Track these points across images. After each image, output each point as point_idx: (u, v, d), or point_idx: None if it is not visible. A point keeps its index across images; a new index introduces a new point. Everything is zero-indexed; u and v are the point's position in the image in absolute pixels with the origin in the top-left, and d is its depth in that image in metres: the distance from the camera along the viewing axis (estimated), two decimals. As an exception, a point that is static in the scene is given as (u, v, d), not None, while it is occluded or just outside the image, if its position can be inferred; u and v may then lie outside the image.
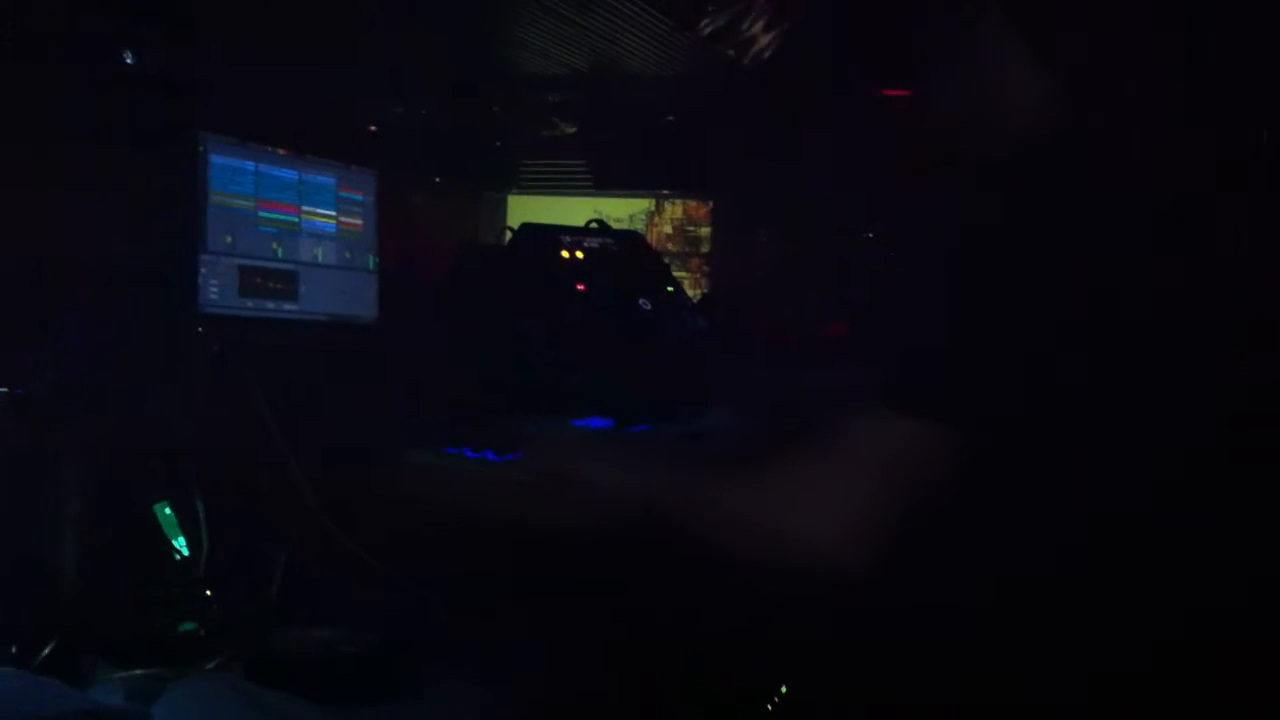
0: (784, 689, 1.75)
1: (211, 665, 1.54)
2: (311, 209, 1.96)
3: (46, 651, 1.45)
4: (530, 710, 1.53)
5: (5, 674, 1.29)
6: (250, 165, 1.86)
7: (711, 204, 3.43)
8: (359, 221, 2.05)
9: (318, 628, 1.60)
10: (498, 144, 3.11)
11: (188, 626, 1.61)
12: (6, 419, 1.52)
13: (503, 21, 2.48)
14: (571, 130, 3.07)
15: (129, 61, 1.84)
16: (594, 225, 2.63)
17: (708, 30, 1.50)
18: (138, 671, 1.48)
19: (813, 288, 3.06)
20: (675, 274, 2.82)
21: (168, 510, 1.70)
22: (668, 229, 3.47)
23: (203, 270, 1.79)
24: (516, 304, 2.29)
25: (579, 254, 2.44)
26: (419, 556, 1.74)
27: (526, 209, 3.23)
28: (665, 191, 3.45)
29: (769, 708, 1.66)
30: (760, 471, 1.26)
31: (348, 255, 2.02)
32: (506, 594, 1.74)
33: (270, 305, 1.88)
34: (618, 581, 1.71)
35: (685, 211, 3.46)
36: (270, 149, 1.90)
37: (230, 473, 1.76)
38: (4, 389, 1.52)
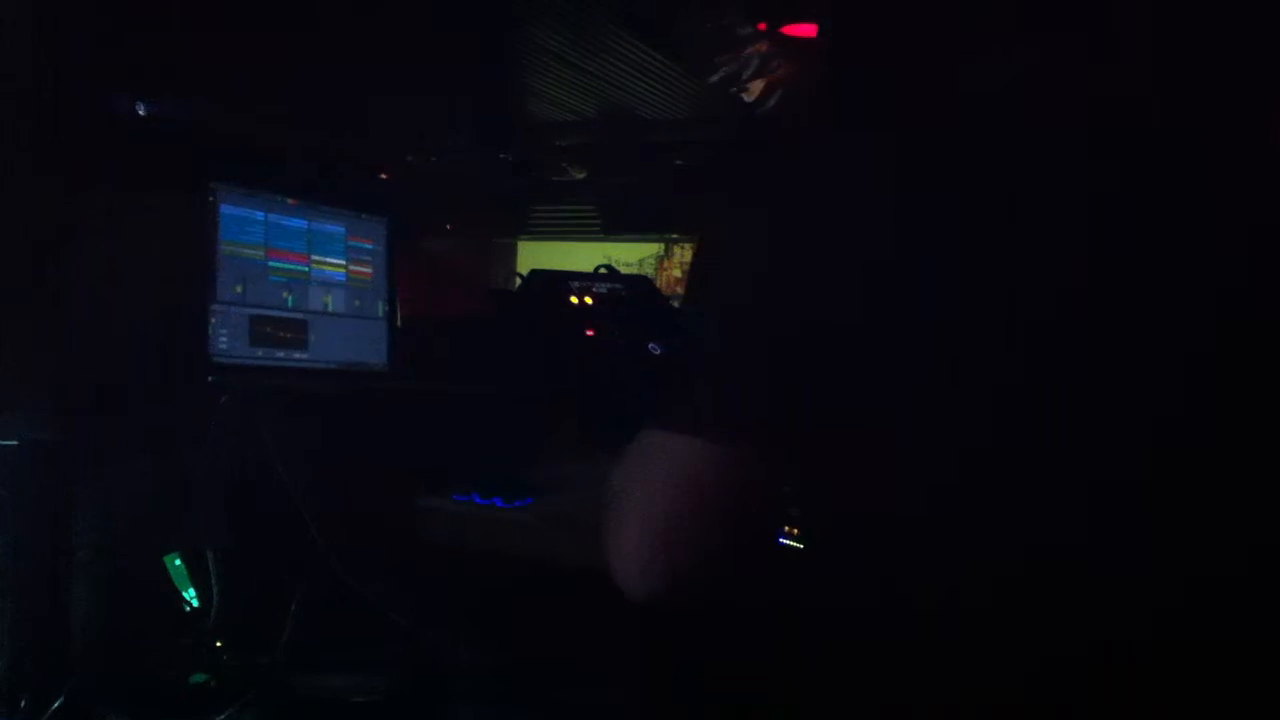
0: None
1: (223, 717, 1.53)
2: (321, 258, 1.97)
3: (56, 705, 1.44)
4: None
5: (15, 727, 1.28)
6: (260, 215, 1.88)
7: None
8: (369, 270, 2.06)
9: (330, 675, 1.59)
10: (508, 190, 3.13)
11: (199, 678, 1.61)
12: (18, 469, 1.52)
13: (513, 68, 2.50)
14: (581, 175, 3.08)
15: (141, 113, 1.86)
16: (603, 270, 2.64)
17: (717, 78, 1.50)
18: (149, 723, 1.48)
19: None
20: (686, 318, 2.82)
21: (178, 562, 1.70)
22: (677, 273, 3.47)
23: (213, 320, 1.80)
24: (526, 350, 2.30)
25: (588, 299, 2.45)
26: (428, 600, 1.74)
27: (536, 255, 3.24)
28: (674, 235, 3.45)
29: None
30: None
31: (357, 303, 2.03)
32: (512, 635, 1.73)
33: (280, 354, 1.89)
34: (635, 623, 1.70)
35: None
36: (280, 198, 1.91)
37: (241, 522, 1.75)
38: (14, 441, 1.53)
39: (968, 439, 1.09)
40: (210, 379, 1.77)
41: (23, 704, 1.44)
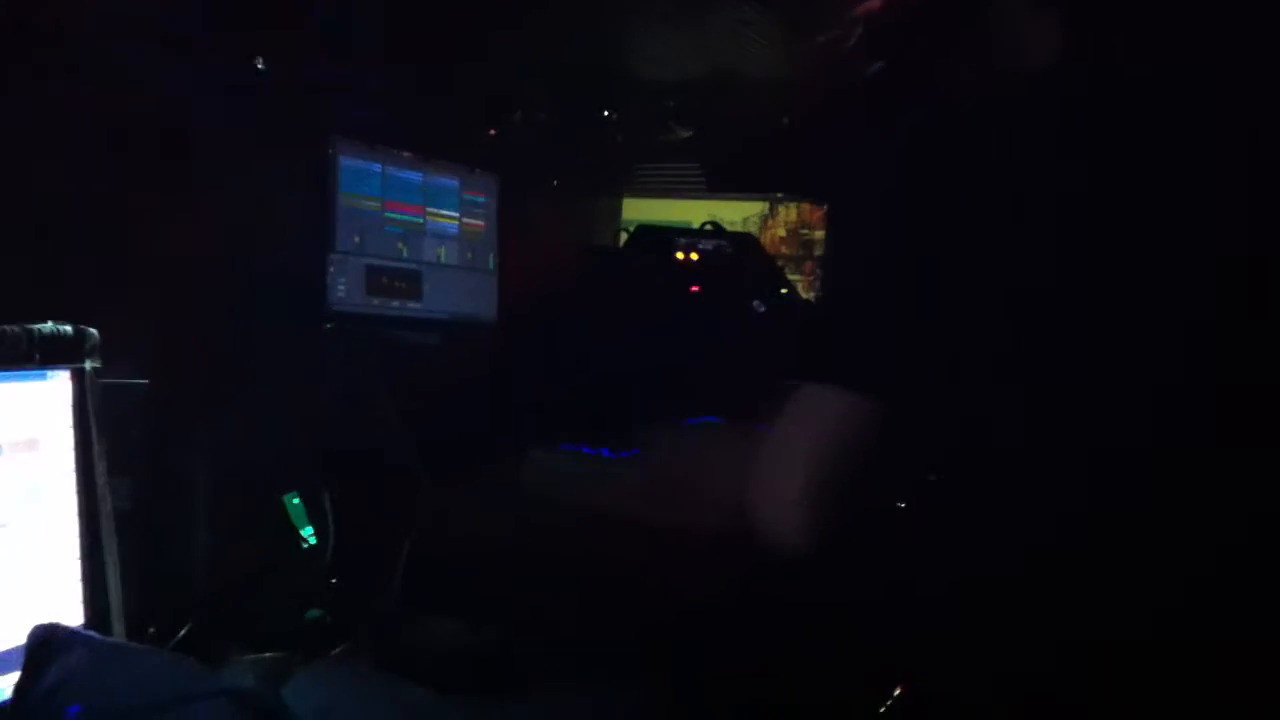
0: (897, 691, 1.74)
1: (337, 651, 1.58)
2: (436, 210, 2.01)
3: (182, 633, 1.50)
4: (643, 710, 1.54)
5: (145, 652, 1.33)
6: (378, 168, 1.92)
7: (826, 207, 3.41)
8: (481, 223, 2.09)
9: (440, 619, 1.63)
10: (614, 148, 3.14)
11: (314, 614, 1.66)
12: (146, 410, 1.58)
13: (619, 27, 2.50)
14: (687, 134, 3.08)
15: (261, 68, 1.90)
16: (708, 227, 2.64)
17: (824, 38, 1.50)
18: (267, 655, 1.53)
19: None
20: (789, 277, 2.82)
21: (296, 500, 1.76)
22: (781, 232, 3.45)
23: (331, 269, 1.84)
24: (631, 305, 2.31)
25: (693, 255, 2.46)
26: (536, 552, 1.77)
27: (641, 212, 3.25)
28: (779, 195, 3.43)
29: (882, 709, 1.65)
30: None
31: (470, 256, 2.07)
32: (617, 590, 1.76)
33: (395, 304, 1.93)
34: (730, 580, 1.72)
35: (799, 215, 3.44)
36: (396, 152, 1.95)
37: (356, 466, 1.80)
38: (143, 380, 1.58)
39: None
40: (328, 326, 1.82)
41: (150, 631, 1.50)
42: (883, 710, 1.73)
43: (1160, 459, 1.12)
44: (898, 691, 1.72)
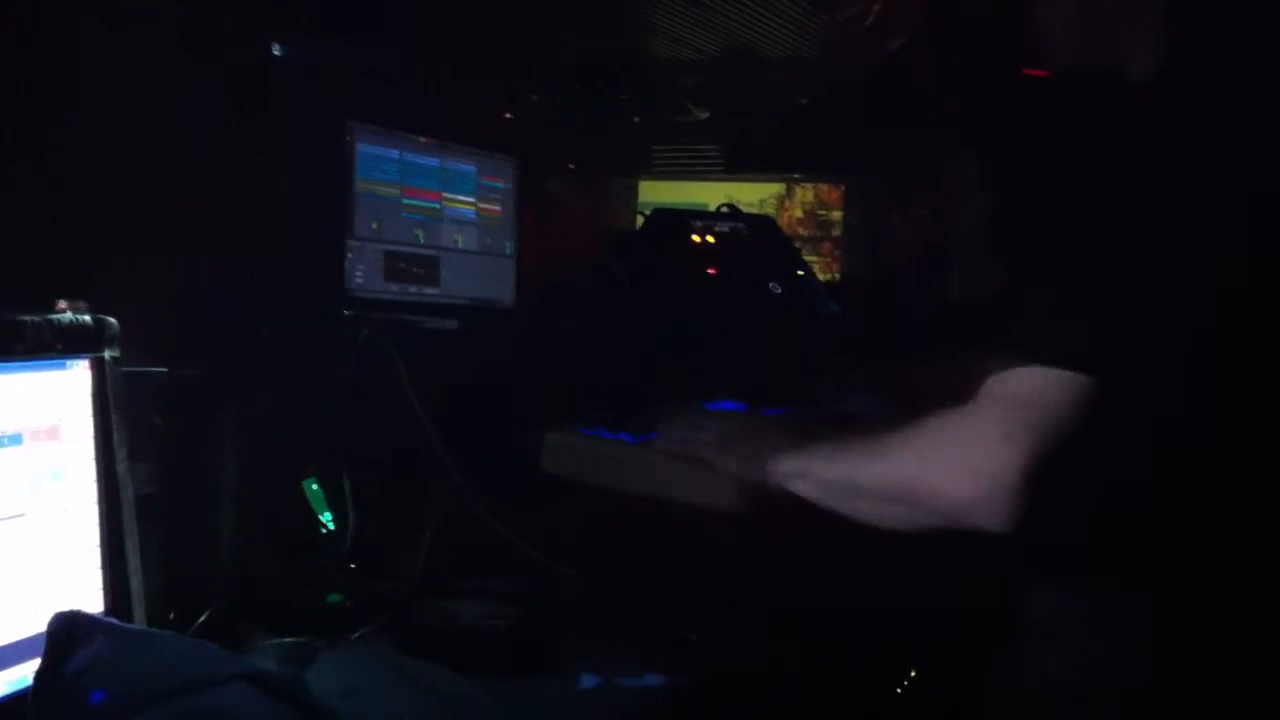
0: (913, 672, 1.75)
1: (358, 635, 1.59)
2: (453, 196, 2.01)
3: (204, 617, 1.51)
4: (668, 686, 1.55)
5: (167, 637, 1.34)
6: (395, 153, 1.92)
7: (844, 187, 3.40)
8: (498, 208, 2.09)
9: (462, 602, 1.64)
10: (630, 130, 3.14)
11: (334, 598, 1.67)
12: (167, 398, 1.59)
13: (635, 7, 2.50)
14: (704, 115, 3.08)
15: (277, 53, 1.90)
16: (725, 210, 2.64)
17: (843, 16, 1.49)
18: (289, 639, 1.54)
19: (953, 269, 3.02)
20: (806, 258, 2.81)
21: (315, 486, 1.77)
22: (798, 213, 3.44)
23: (349, 255, 1.85)
24: (649, 288, 2.31)
25: (710, 238, 2.45)
26: (558, 533, 1.78)
27: (658, 194, 3.25)
28: (796, 175, 3.43)
29: (899, 688, 1.66)
30: (891, 436, 1.26)
31: (488, 241, 2.07)
32: (642, 571, 1.76)
33: (413, 290, 1.94)
34: (749, 559, 1.72)
35: (816, 195, 3.43)
36: (414, 137, 1.95)
37: (377, 451, 1.81)
38: (164, 369, 1.59)
39: None
40: (346, 312, 1.83)
41: (171, 617, 1.51)
42: (899, 690, 1.74)
43: None
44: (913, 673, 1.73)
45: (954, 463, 1.15)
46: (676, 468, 1.63)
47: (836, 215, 3.42)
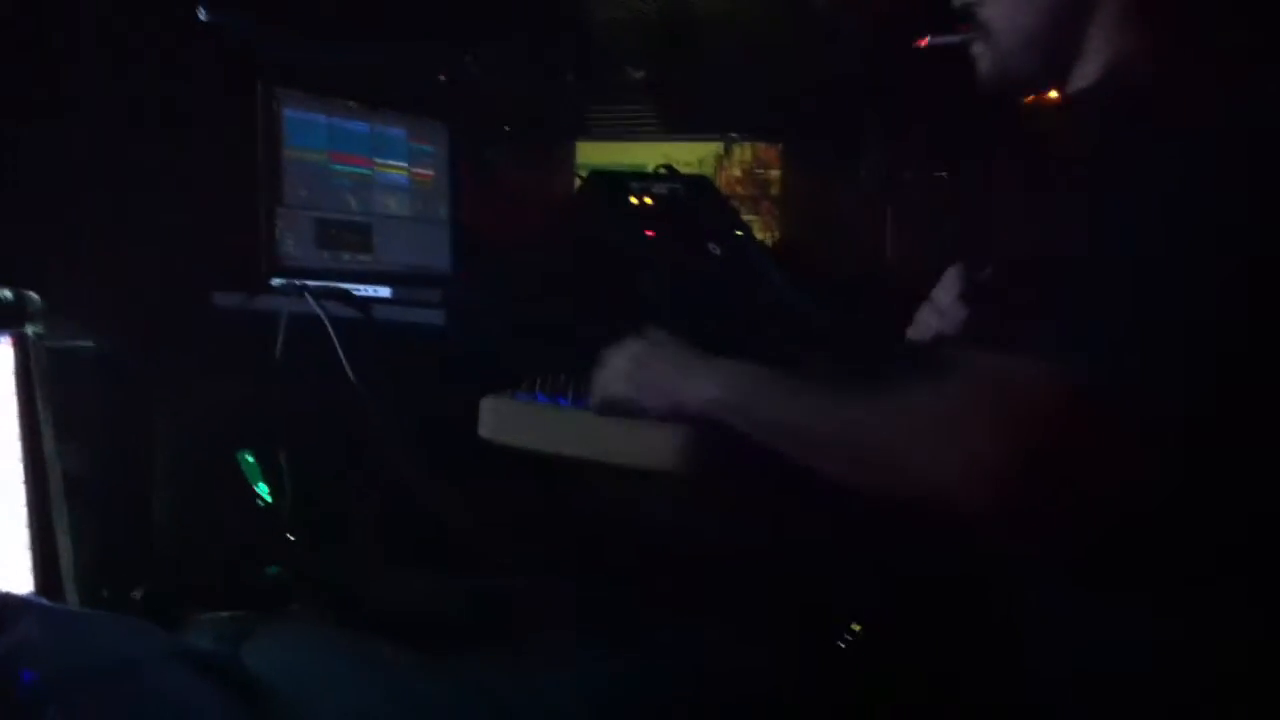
0: (856, 627, 1.75)
1: (297, 609, 1.58)
2: (384, 161, 1.99)
3: (138, 594, 1.50)
4: (619, 660, 1.55)
5: (99, 617, 1.33)
6: (323, 119, 1.89)
7: (781, 146, 3.40)
8: (431, 172, 2.07)
9: (402, 573, 1.64)
10: (567, 91, 3.11)
11: (273, 570, 1.66)
12: (97, 372, 1.56)
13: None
14: (640, 75, 3.06)
15: (203, 18, 1.87)
16: (662, 171, 2.62)
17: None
18: (225, 614, 1.53)
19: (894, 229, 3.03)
20: (745, 218, 2.81)
21: (250, 458, 1.74)
22: (736, 173, 3.43)
23: (279, 224, 1.82)
24: (586, 251, 2.30)
25: (647, 200, 2.44)
26: (496, 503, 1.77)
27: (596, 156, 3.22)
28: (734, 135, 3.42)
29: (842, 643, 1.66)
30: (869, 395, 1.21)
31: (420, 207, 2.05)
32: (583, 539, 1.76)
33: (346, 257, 1.91)
34: (700, 520, 1.72)
35: (754, 155, 3.43)
36: (341, 102, 1.92)
37: (313, 421, 1.79)
38: (89, 344, 1.56)
39: None
40: (278, 281, 1.80)
41: (104, 595, 1.49)
42: (843, 644, 1.75)
43: None
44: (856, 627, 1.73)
45: (945, 440, 1.09)
46: (613, 428, 1.62)
47: (775, 174, 3.41)
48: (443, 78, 2.50)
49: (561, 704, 1.36)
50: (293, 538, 1.73)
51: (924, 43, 1.35)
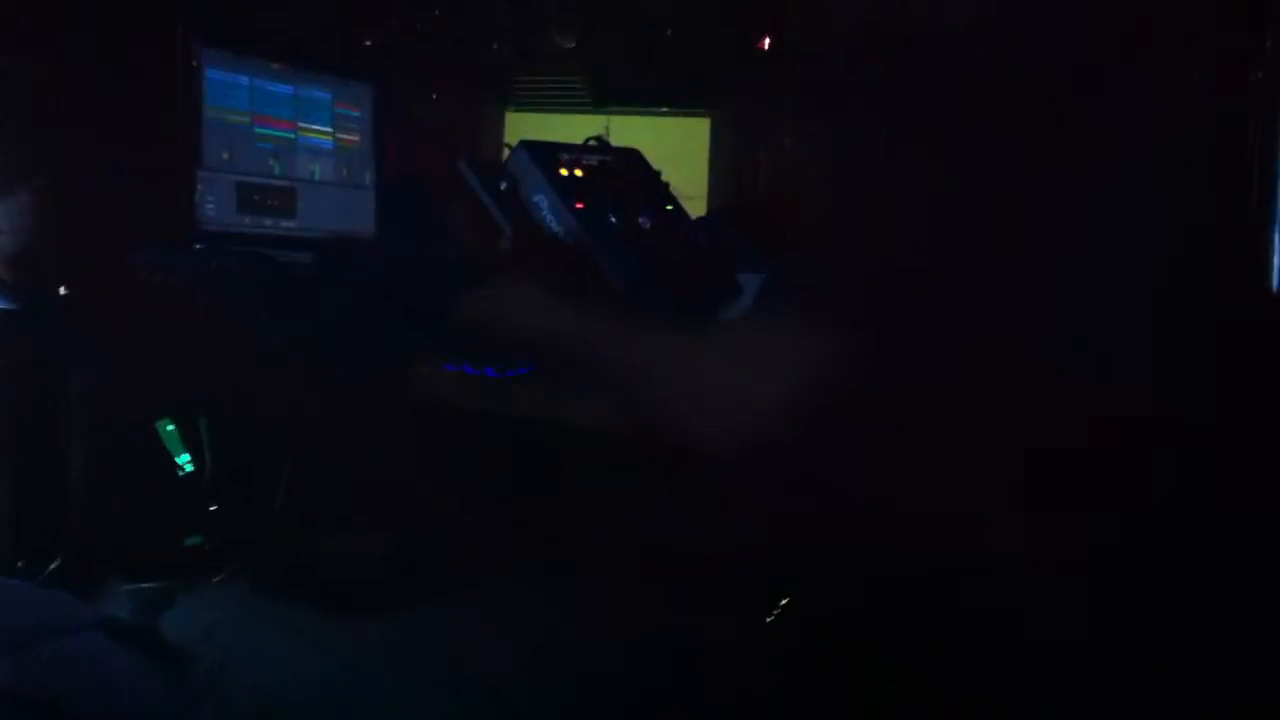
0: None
1: (219, 578, 1.56)
2: (308, 125, 1.95)
3: (54, 565, 1.46)
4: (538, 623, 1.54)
5: (14, 587, 1.30)
6: (245, 80, 1.85)
7: (710, 119, 3.40)
8: (356, 137, 2.04)
9: (323, 538, 1.62)
10: (492, 57, 3.08)
11: (194, 540, 1.63)
12: (11, 335, 1.52)
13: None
14: (570, 44, 3.03)
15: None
16: (593, 142, 2.61)
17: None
18: (145, 584, 1.50)
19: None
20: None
21: (170, 427, 1.71)
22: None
23: (200, 187, 1.78)
24: (515, 222, 2.28)
25: (578, 171, 2.42)
26: (421, 468, 1.75)
27: (533, 127, 3.19)
28: (663, 109, 3.41)
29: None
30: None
31: (345, 172, 2.01)
32: (507, 498, 1.75)
33: (269, 222, 1.88)
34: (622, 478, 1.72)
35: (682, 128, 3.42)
36: (264, 63, 1.88)
37: (232, 388, 1.76)
38: (8, 305, 1.52)
39: None
40: (198, 245, 1.76)
41: (20, 565, 1.46)
42: (770, 619, 1.76)
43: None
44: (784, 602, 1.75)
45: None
46: (539, 397, 1.62)
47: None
48: (368, 42, 2.46)
49: (488, 661, 1.36)
50: (214, 507, 1.70)
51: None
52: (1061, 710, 1.19)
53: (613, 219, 2.37)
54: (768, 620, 1.77)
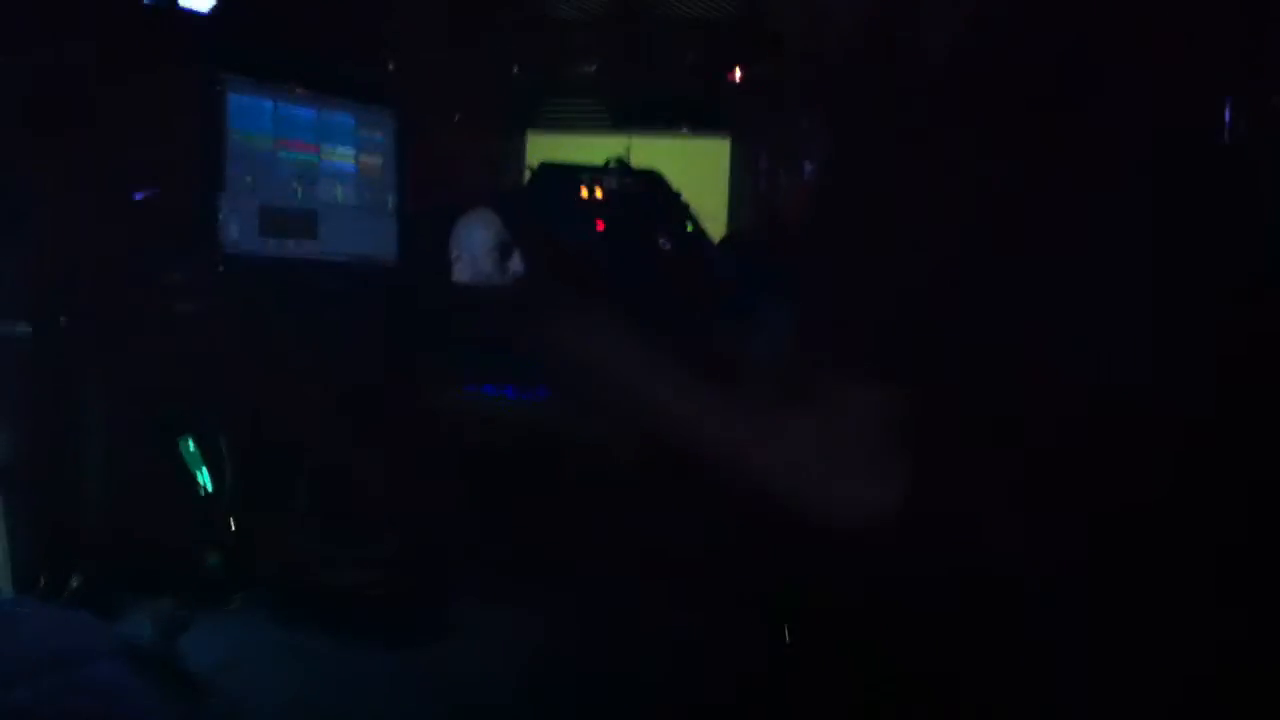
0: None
1: (239, 597, 1.56)
2: (331, 148, 1.96)
3: (75, 584, 1.47)
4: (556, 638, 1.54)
5: (34, 610, 1.31)
6: (269, 104, 1.86)
7: (730, 141, 3.41)
8: (379, 161, 2.05)
9: (342, 563, 1.62)
10: (514, 82, 3.10)
11: (213, 561, 1.63)
12: (31, 359, 1.53)
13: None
14: (591, 69, 3.05)
15: (146, 2, 1.84)
16: (613, 164, 2.62)
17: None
18: (165, 605, 1.50)
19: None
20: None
21: (192, 446, 1.72)
22: (688, 168, 3.43)
23: (223, 210, 1.79)
24: (536, 244, 2.29)
25: (599, 193, 2.43)
26: (436, 491, 1.76)
27: (554, 150, 3.20)
28: (684, 131, 3.42)
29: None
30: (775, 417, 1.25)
31: (368, 196, 2.02)
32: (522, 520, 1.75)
33: (291, 245, 1.89)
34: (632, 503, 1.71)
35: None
36: (288, 88, 1.89)
37: (252, 409, 1.77)
38: (29, 327, 1.53)
39: None
40: (221, 269, 1.77)
41: (41, 584, 1.47)
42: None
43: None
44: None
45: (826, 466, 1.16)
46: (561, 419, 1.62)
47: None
48: (391, 67, 2.47)
49: (500, 674, 1.36)
50: (234, 526, 1.71)
51: None
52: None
53: (633, 240, 2.38)
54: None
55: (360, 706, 1.35)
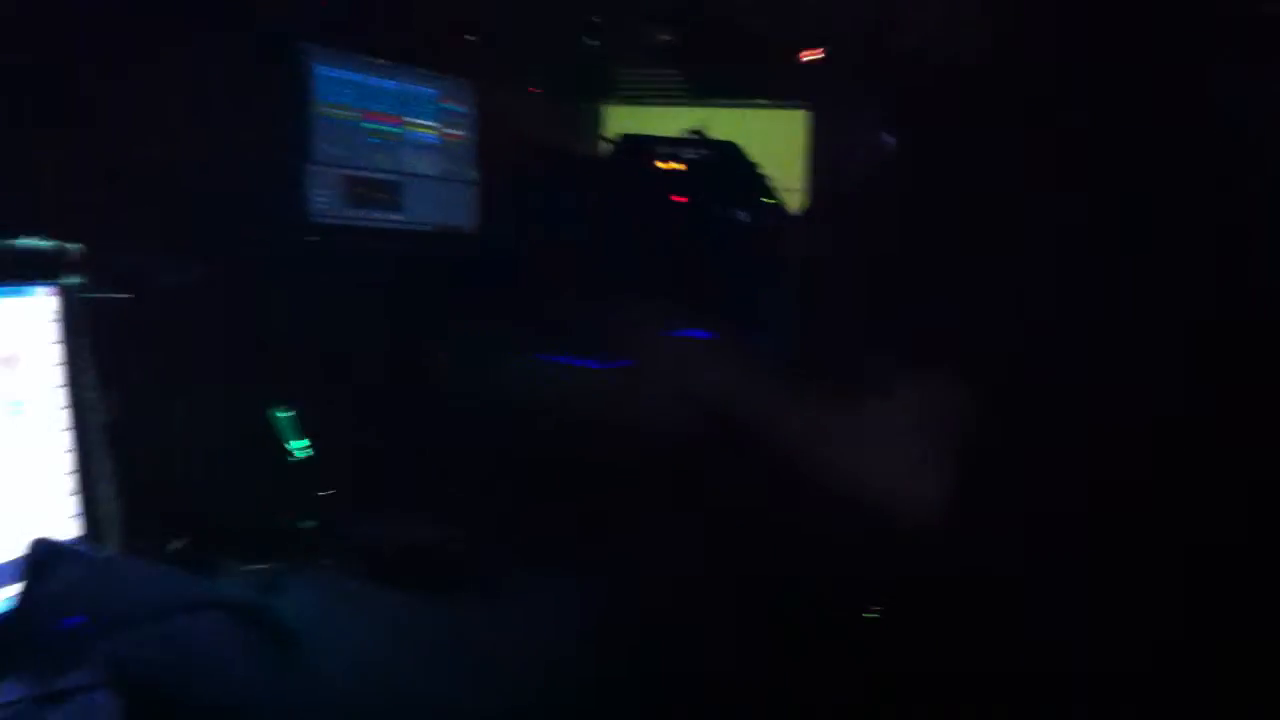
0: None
1: (329, 561, 1.60)
2: (414, 120, 1.99)
3: (175, 545, 1.51)
4: (619, 608, 1.56)
5: (140, 565, 1.35)
6: (353, 76, 1.89)
7: (811, 113, 3.38)
8: (460, 132, 2.07)
9: (428, 527, 1.65)
10: (592, 54, 3.10)
11: (306, 524, 1.68)
12: (133, 324, 1.57)
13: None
14: (667, 39, 3.04)
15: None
16: (692, 135, 2.62)
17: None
18: (260, 566, 1.55)
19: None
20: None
21: (287, 413, 1.76)
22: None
23: (310, 181, 1.82)
24: (616, 215, 2.30)
25: (677, 165, 2.44)
26: (511, 462, 1.78)
27: (636, 119, 3.21)
28: (763, 102, 3.40)
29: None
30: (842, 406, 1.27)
31: (449, 166, 2.05)
32: (595, 496, 1.77)
33: (376, 215, 1.92)
34: (704, 488, 1.73)
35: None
36: (372, 60, 1.92)
37: (343, 377, 1.81)
38: (130, 295, 1.57)
39: None
40: (309, 238, 1.81)
41: (143, 545, 1.51)
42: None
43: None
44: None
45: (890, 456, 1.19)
46: (643, 397, 1.63)
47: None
48: (470, 38, 2.49)
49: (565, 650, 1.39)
50: (324, 493, 1.75)
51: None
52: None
53: (712, 213, 2.39)
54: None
55: (439, 661, 1.38)
